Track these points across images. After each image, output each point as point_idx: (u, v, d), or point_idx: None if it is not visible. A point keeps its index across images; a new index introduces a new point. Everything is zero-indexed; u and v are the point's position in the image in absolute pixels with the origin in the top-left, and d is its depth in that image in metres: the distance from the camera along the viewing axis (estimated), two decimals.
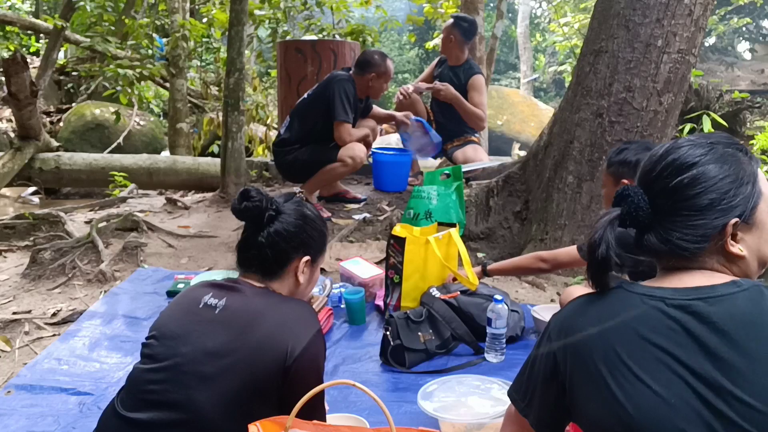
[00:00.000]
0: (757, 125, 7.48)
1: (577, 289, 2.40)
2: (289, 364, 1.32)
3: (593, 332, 1.03)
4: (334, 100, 3.82)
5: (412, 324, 2.34)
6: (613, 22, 3.22)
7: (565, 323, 1.10)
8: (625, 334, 1.00)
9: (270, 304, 1.43)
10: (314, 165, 3.95)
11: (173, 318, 1.45)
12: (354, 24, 7.85)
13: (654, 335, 0.97)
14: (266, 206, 1.47)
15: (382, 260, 2.96)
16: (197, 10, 9.63)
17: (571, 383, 1.05)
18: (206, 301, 1.43)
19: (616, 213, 1.06)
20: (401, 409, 1.94)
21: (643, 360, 0.97)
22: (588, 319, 1.06)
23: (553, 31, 16.33)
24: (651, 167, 1.07)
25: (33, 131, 6.13)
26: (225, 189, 4.69)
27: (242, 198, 1.47)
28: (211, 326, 1.38)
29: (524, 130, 12.74)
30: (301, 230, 1.51)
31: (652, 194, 1.05)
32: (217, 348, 1.34)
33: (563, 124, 3.47)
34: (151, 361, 1.39)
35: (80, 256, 3.35)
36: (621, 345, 0.99)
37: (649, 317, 0.99)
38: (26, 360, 2.37)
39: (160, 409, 1.32)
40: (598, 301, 1.08)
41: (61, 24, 8.79)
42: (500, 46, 16.76)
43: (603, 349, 1.01)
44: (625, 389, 0.96)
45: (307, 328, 1.39)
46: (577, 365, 1.04)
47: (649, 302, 1.01)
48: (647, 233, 1.06)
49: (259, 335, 1.34)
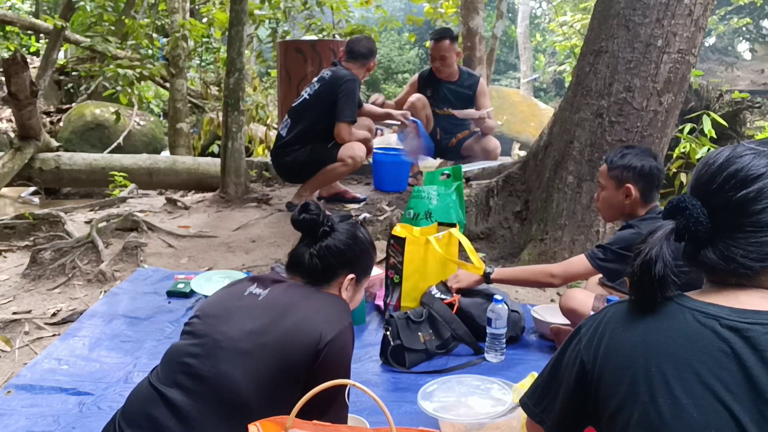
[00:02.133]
0: (757, 125, 7.48)
1: (578, 292, 2.40)
2: (322, 347, 1.38)
3: (635, 345, 0.97)
4: (343, 101, 3.81)
5: (412, 324, 2.34)
6: (613, 22, 3.22)
7: (601, 330, 1.03)
8: (670, 352, 0.93)
9: (309, 293, 1.53)
10: (314, 165, 3.94)
11: (218, 302, 1.54)
12: (354, 24, 7.86)
13: (702, 357, 0.91)
14: (322, 221, 1.58)
15: (382, 260, 2.95)
16: (197, 10, 9.63)
17: (599, 394, 1.00)
18: (251, 290, 1.52)
19: (671, 226, 0.98)
20: (401, 409, 1.94)
21: (687, 383, 0.90)
22: (629, 330, 0.99)
23: (553, 31, 16.32)
24: (710, 178, 0.99)
25: (33, 131, 6.13)
26: (225, 189, 4.69)
27: (302, 210, 1.59)
28: (252, 310, 1.46)
29: (524, 130, 12.73)
30: (351, 249, 1.61)
31: (711, 207, 0.98)
32: (256, 328, 1.41)
33: (563, 124, 3.47)
34: (191, 337, 1.46)
35: (80, 256, 3.35)
36: (665, 363, 0.92)
37: (701, 337, 0.92)
38: (26, 360, 2.37)
39: (194, 382, 1.37)
40: (643, 310, 1.00)
41: (61, 24, 8.78)
42: (500, 46, 16.76)
43: (644, 366, 0.94)
44: (663, 412, 0.90)
45: (341, 318, 1.47)
46: (611, 377, 0.98)
47: (702, 320, 0.94)
48: (704, 249, 0.99)
49: (295, 318, 1.42)
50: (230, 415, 1.34)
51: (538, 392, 1.14)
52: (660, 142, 3.29)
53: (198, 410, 1.34)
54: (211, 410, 1.34)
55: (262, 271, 3.19)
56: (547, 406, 1.11)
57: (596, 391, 1.01)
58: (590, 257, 2.26)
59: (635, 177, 2.23)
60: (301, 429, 1.16)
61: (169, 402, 1.35)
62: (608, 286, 2.48)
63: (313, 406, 1.15)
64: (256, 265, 3.34)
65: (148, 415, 1.36)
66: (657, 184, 2.25)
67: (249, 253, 3.57)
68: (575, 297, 2.34)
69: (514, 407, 1.74)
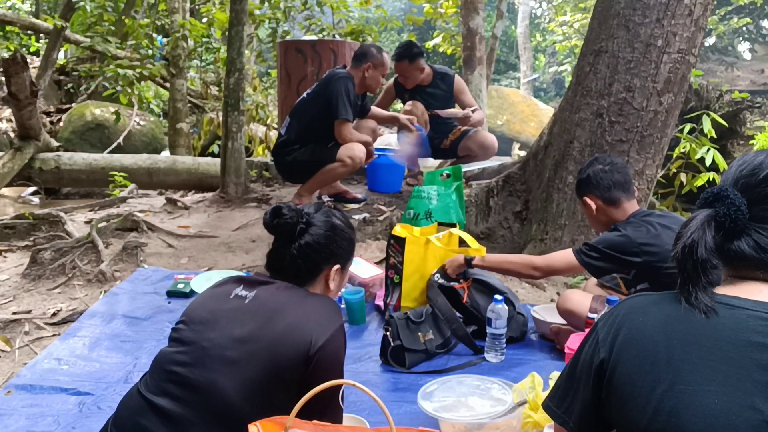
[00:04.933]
0: (757, 125, 7.48)
1: (576, 293, 2.41)
2: (312, 353, 1.35)
3: (656, 334, 0.98)
4: (336, 99, 3.80)
5: (412, 324, 2.34)
6: (613, 22, 3.22)
7: (619, 322, 1.04)
8: (693, 340, 0.94)
9: (297, 296, 1.48)
10: (314, 165, 3.94)
11: (203, 306, 1.50)
12: (354, 24, 7.86)
13: (726, 346, 0.92)
14: (297, 221, 1.52)
15: (382, 260, 2.96)
16: (197, 10, 9.63)
17: (613, 382, 1.00)
18: (237, 292, 1.48)
19: (709, 213, 1.00)
20: (401, 409, 1.94)
21: (710, 370, 0.91)
22: (650, 320, 1.00)
23: (553, 31, 16.34)
24: (751, 172, 1.02)
25: (33, 131, 6.13)
26: (225, 189, 4.69)
27: (274, 215, 1.52)
28: (239, 314, 1.42)
29: (524, 130, 12.74)
30: (331, 241, 1.56)
31: (750, 198, 1.00)
32: (243, 335, 1.38)
33: (563, 124, 3.47)
34: (179, 345, 1.42)
35: (80, 256, 3.35)
36: (688, 351, 0.94)
37: (724, 327, 0.94)
38: (26, 360, 2.37)
39: (183, 391, 1.34)
40: (662, 303, 1.02)
41: (61, 24, 8.78)
42: (500, 46, 16.77)
43: (666, 354, 0.95)
44: (683, 399, 0.91)
45: (332, 321, 1.43)
46: (629, 366, 0.99)
47: (726, 311, 0.95)
48: (738, 239, 1.00)
49: (285, 324, 1.38)
50: (222, 422, 1.32)
51: (558, 393, 1.13)
52: (660, 142, 3.29)
53: (188, 418, 1.32)
54: (202, 418, 1.32)
55: (262, 272, 3.19)
56: (569, 406, 1.10)
57: (610, 380, 1.01)
58: (577, 253, 2.27)
59: (586, 187, 2.29)
60: (301, 429, 1.16)
61: (158, 410, 1.34)
62: (607, 287, 2.49)
63: (307, 408, 1.14)
64: (256, 265, 3.34)
65: (139, 424, 1.34)
66: (608, 185, 2.25)
67: (249, 253, 3.57)
68: (573, 298, 2.34)
69: (513, 407, 1.74)
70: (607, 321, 1.07)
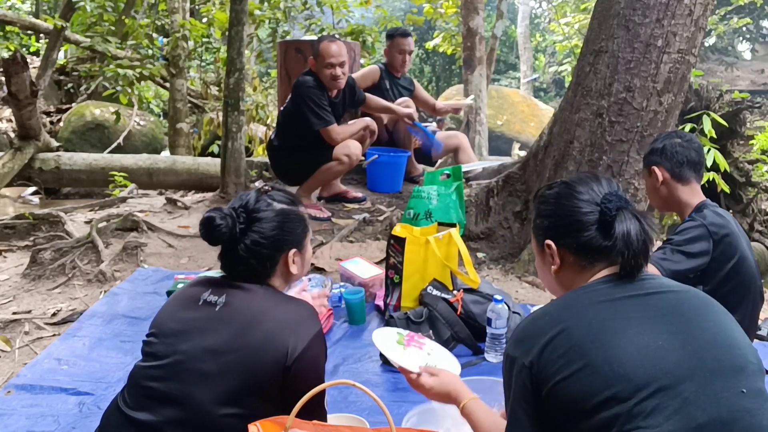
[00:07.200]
0: (757, 125, 7.49)
1: None
2: (290, 363, 1.32)
3: (565, 322, 1.12)
4: (305, 111, 3.77)
5: (412, 325, 2.34)
6: (613, 22, 3.22)
7: (524, 335, 1.17)
8: (595, 308, 1.13)
9: (272, 303, 1.43)
10: (310, 167, 3.94)
11: (172, 315, 1.45)
12: (354, 24, 7.86)
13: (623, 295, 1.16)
14: (234, 224, 1.43)
15: (382, 260, 2.96)
16: (197, 10, 9.63)
17: (551, 379, 1.08)
18: (205, 298, 1.43)
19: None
20: (401, 409, 1.93)
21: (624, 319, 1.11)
22: (550, 320, 1.15)
23: (553, 31, 16.32)
24: None
25: (33, 131, 6.13)
26: (225, 189, 4.69)
27: (207, 228, 1.43)
28: (211, 323, 1.38)
29: (524, 130, 12.74)
30: (280, 229, 1.47)
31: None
32: (217, 345, 1.34)
33: (563, 124, 3.47)
34: (152, 359, 1.39)
35: (80, 256, 3.35)
36: (597, 317, 1.12)
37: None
38: (26, 360, 2.37)
39: (162, 406, 1.32)
40: (552, 305, 1.22)
41: (61, 24, 8.78)
42: (500, 46, 16.77)
43: (582, 329, 1.11)
44: (614, 345, 1.07)
45: (309, 328, 1.39)
46: (560, 358, 1.09)
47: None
48: None
49: (261, 334, 1.34)
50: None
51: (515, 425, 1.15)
52: None
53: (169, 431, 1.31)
54: (183, 431, 1.31)
55: None
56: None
57: (550, 379, 1.09)
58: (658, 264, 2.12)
59: (658, 157, 2.22)
60: (301, 429, 1.16)
61: (139, 425, 1.32)
62: None
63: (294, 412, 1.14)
64: None
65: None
66: (682, 160, 2.18)
67: None
68: None
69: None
70: (515, 342, 1.22)
